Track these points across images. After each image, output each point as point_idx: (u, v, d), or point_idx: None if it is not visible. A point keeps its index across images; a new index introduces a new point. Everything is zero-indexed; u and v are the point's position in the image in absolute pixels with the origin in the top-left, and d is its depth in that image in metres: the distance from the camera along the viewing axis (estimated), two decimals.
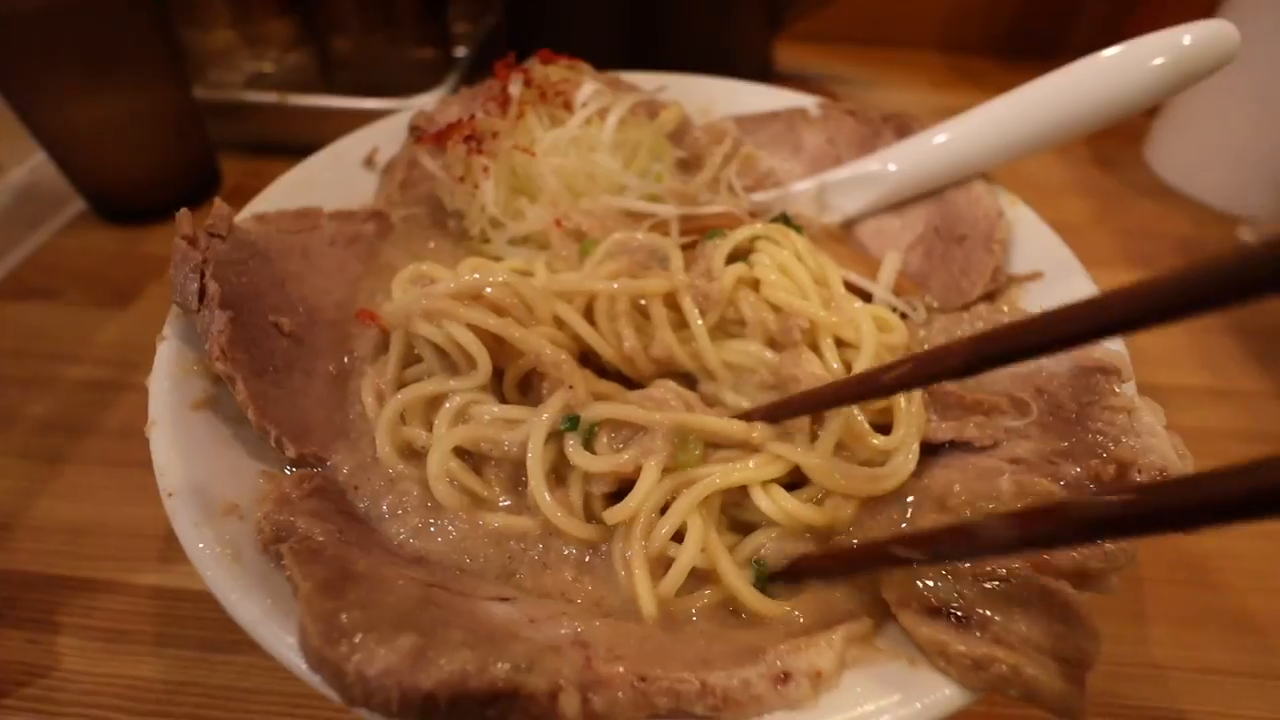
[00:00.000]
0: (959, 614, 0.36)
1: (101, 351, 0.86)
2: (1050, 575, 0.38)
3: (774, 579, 0.45)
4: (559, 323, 0.50)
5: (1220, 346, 0.93)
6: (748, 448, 0.47)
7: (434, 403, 0.49)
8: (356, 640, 0.32)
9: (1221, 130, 1.14)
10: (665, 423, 0.45)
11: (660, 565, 0.44)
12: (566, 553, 0.44)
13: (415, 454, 0.49)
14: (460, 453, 0.47)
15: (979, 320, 0.61)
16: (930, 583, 0.38)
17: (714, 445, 0.47)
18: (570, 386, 0.46)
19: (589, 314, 0.51)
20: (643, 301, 0.51)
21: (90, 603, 0.63)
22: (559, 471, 0.47)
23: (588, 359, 0.52)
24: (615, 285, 0.49)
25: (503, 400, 0.50)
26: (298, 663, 0.34)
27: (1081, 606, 0.36)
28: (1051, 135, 0.66)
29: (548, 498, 0.44)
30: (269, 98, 1.12)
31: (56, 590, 0.64)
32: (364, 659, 0.31)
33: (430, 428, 0.48)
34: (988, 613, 0.36)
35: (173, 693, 0.58)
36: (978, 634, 0.35)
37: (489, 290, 0.48)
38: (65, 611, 0.63)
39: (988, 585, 0.38)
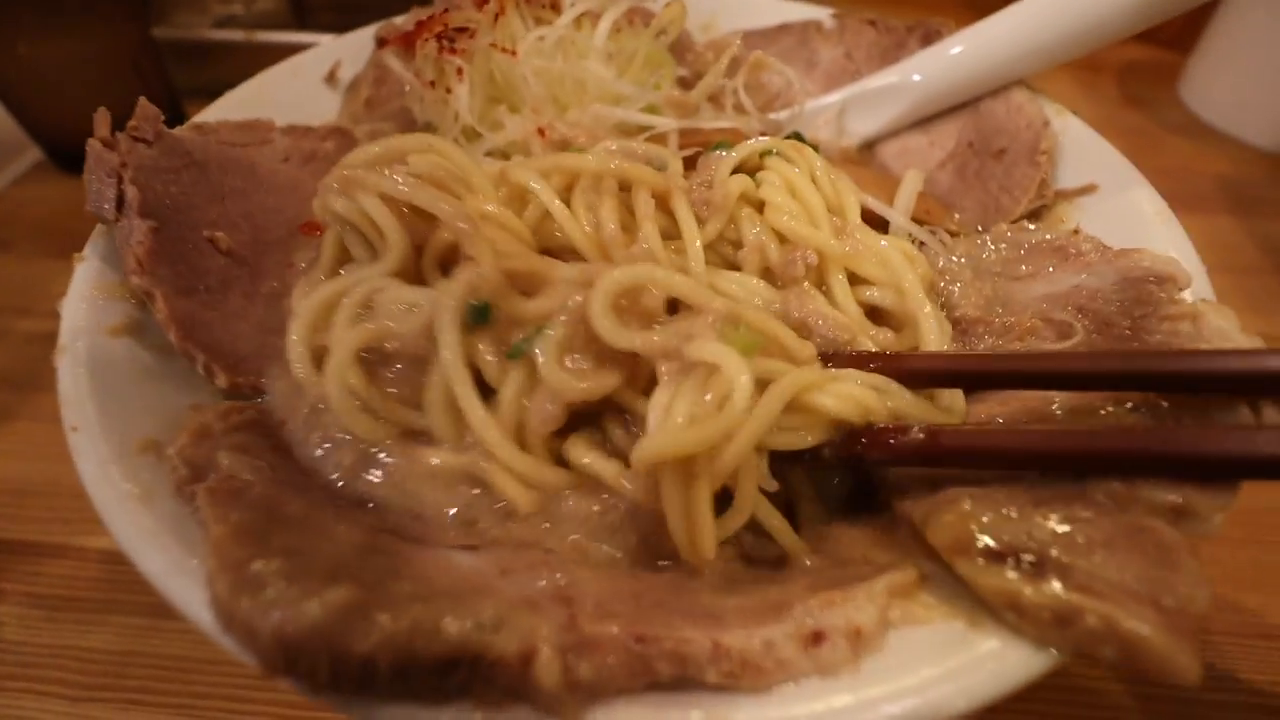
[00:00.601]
0: (1031, 558, 0.29)
1: (55, 304, 0.80)
2: (1139, 513, 0.31)
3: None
4: (520, 204, 0.41)
5: (1264, 288, 0.90)
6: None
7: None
8: (276, 592, 0.25)
9: (1263, 66, 1.09)
10: (721, 308, 0.36)
11: None
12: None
13: None
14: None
15: (1002, 242, 0.53)
16: (989, 520, 0.31)
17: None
18: (474, 259, 0.35)
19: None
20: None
21: (35, 568, 0.60)
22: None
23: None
24: (611, 165, 0.40)
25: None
26: (212, 625, 0.28)
27: (1182, 545, 0.29)
28: (1093, 33, 0.58)
29: (481, 412, 0.34)
30: (236, 35, 1.06)
31: None
32: (285, 616, 0.25)
33: None
34: (1066, 556, 0.29)
35: (122, 664, 0.55)
36: (1056, 581, 0.28)
37: (413, 159, 0.39)
38: (7, 578, 0.59)
39: (1063, 525, 0.31)
